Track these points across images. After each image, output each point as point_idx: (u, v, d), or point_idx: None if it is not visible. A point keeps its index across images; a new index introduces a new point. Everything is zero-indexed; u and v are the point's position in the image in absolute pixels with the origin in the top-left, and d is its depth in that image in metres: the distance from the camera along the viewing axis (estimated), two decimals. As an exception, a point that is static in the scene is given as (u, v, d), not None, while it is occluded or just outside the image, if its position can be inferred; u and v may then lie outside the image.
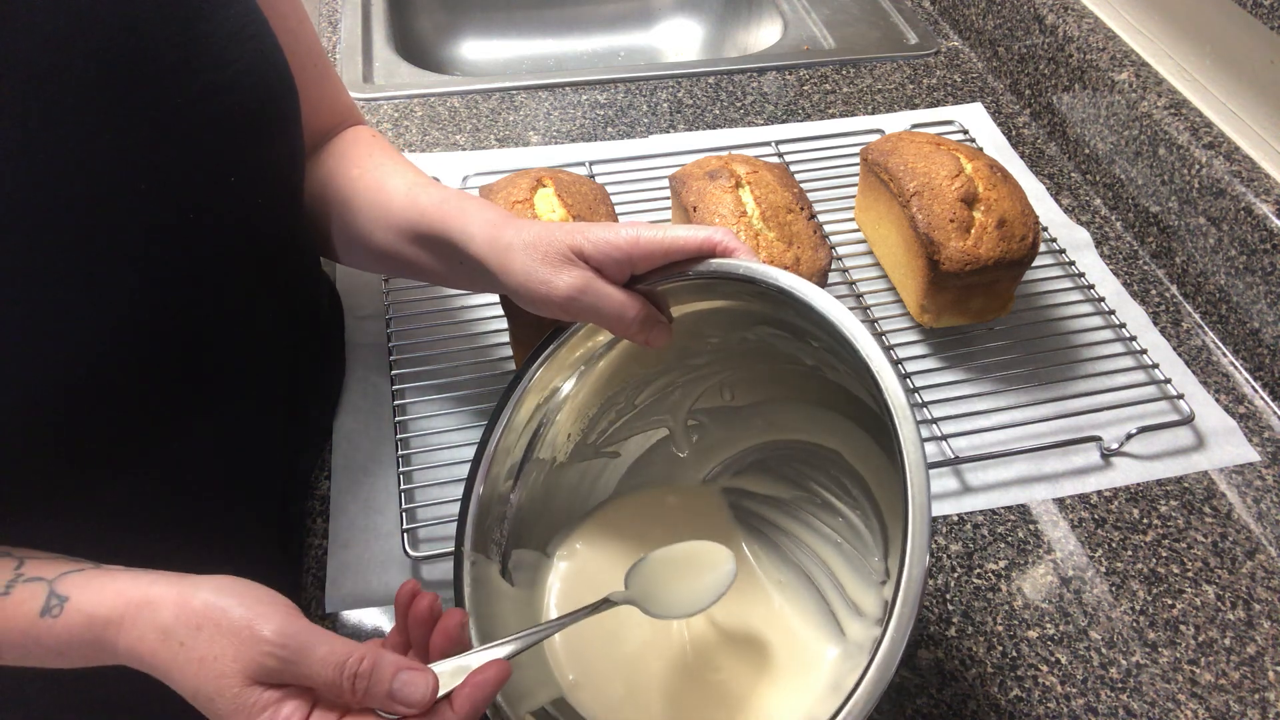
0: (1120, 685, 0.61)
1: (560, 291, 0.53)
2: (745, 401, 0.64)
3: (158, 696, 0.45)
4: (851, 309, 0.82)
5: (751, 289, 0.50)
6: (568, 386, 0.61)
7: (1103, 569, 0.67)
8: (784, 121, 1.03)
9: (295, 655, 0.42)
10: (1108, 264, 0.89)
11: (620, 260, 0.52)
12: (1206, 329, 0.84)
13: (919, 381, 0.76)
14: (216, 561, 0.53)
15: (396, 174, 0.65)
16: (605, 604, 0.52)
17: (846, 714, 0.40)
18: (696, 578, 0.55)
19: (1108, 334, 0.81)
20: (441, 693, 0.44)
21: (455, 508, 0.58)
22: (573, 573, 0.61)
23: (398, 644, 0.48)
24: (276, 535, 0.67)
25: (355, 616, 0.64)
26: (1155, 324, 0.84)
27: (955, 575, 0.67)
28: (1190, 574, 0.67)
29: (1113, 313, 0.82)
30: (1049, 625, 0.64)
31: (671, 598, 0.54)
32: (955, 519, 0.70)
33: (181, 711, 0.44)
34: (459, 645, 0.46)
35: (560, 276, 0.53)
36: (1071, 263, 0.87)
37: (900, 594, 0.40)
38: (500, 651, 0.47)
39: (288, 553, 0.67)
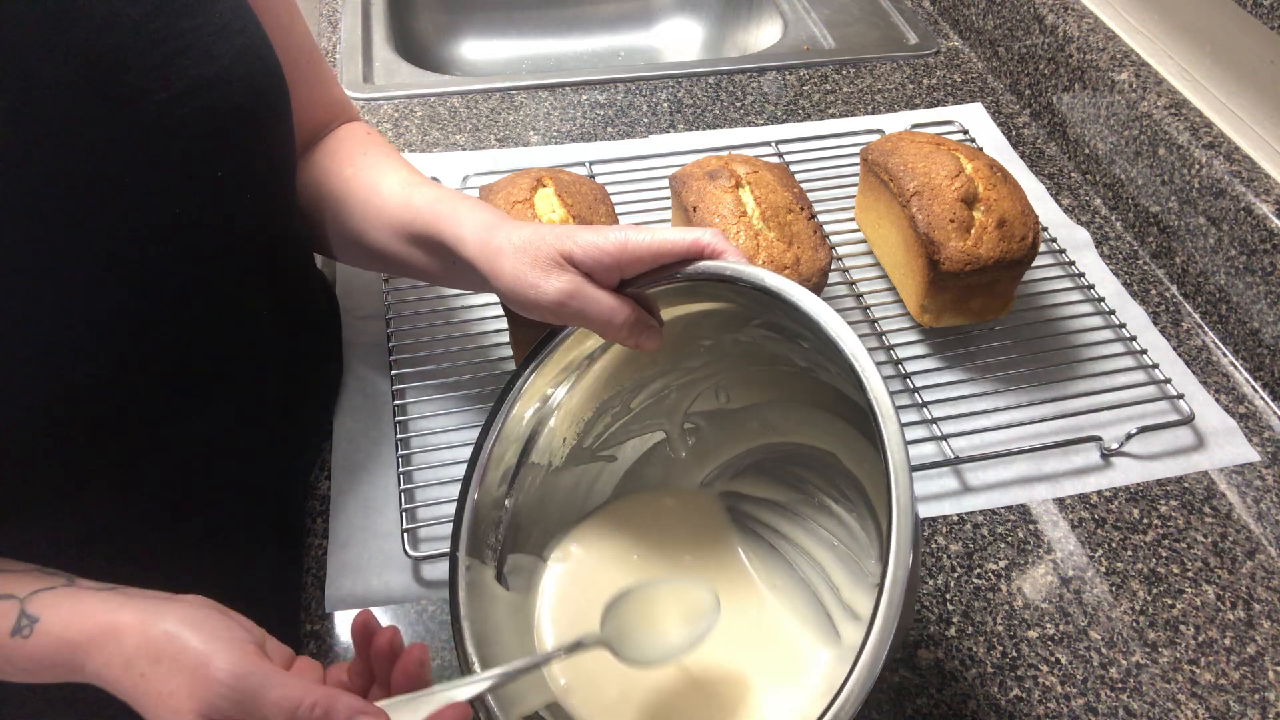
0: (1120, 685, 0.61)
1: (549, 296, 0.52)
2: (741, 404, 0.64)
3: None
4: (851, 309, 0.83)
5: (740, 290, 0.50)
6: (562, 390, 0.61)
7: (1103, 569, 0.67)
8: (784, 121, 1.03)
9: (247, 697, 0.42)
10: (1108, 264, 0.89)
11: (609, 265, 0.52)
12: (1206, 329, 0.84)
13: (919, 381, 0.76)
14: (216, 561, 0.53)
15: (390, 172, 0.65)
16: (578, 647, 0.51)
17: (831, 717, 0.39)
18: (675, 622, 0.54)
19: (1108, 334, 0.81)
20: None
21: (454, 509, 0.58)
22: (567, 576, 0.61)
23: (361, 670, 0.48)
24: (276, 535, 0.67)
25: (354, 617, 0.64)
26: (1155, 324, 0.84)
27: (955, 575, 0.67)
28: (1190, 574, 0.67)
29: (1113, 313, 0.82)
30: (1049, 625, 0.64)
31: (646, 642, 0.53)
32: (955, 519, 0.70)
33: None
34: (419, 683, 0.46)
35: (549, 281, 0.52)
36: (1071, 263, 0.87)
37: (884, 596, 0.39)
38: (461, 693, 0.46)
39: (287, 553, 0.67)
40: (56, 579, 0.48)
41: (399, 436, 0.71)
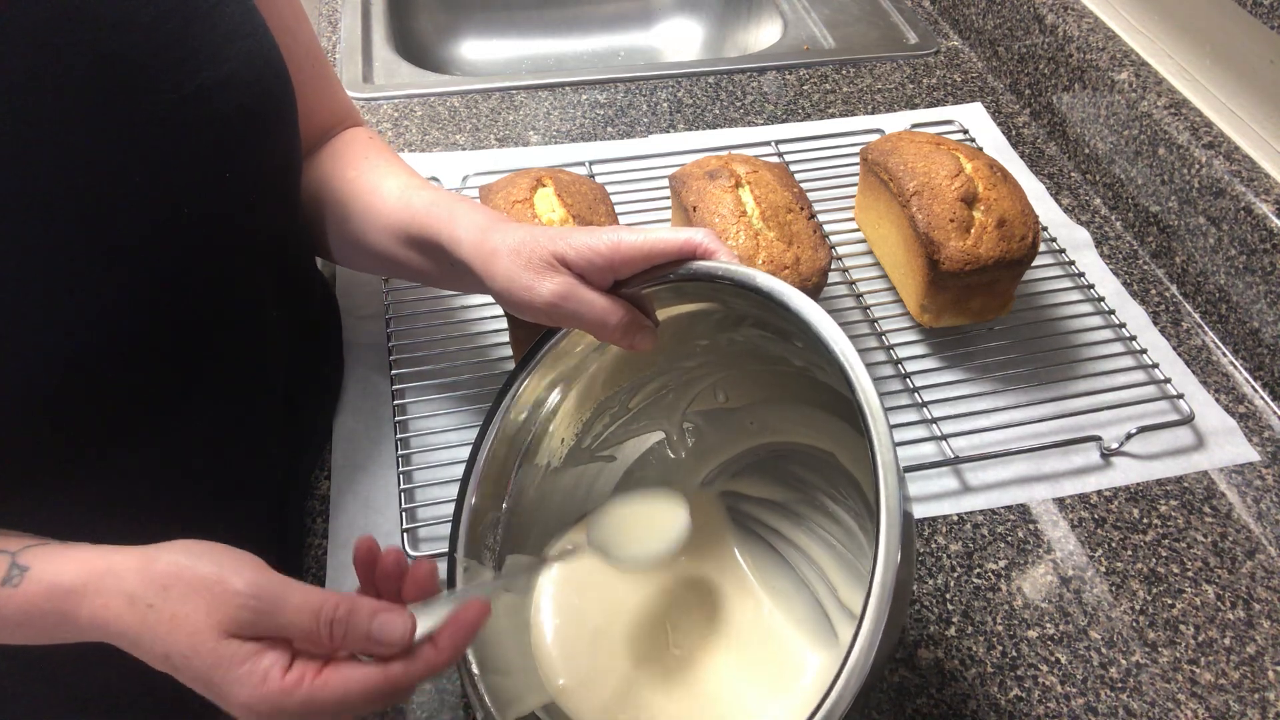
0: (1120, 685, 0.61)
1: (542, 298, 0.53)
2: (739, 403, 0.64)
3: (141, 692, 0.45)
4: (851, 309, 0.83)
5: (732, 290, 0.50)
6: (560, 391, 0.61)
7: (1103, 569, 0.67)
8: (784, 121, 1.03)
9: (270, 605, 0.42)
10: (1108, 264, 0.89)
11: (601, 266, 0.52)
12: (1206, 329, 0.84)
13: (919, 381, 0.76)
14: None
15: (391, 176, 0.65)
16: (570, 553, 0.54)
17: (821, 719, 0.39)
18: (652, 527, 0.56)
19: (1108, 334, 0.81)
20: (421, 633, 0.44)
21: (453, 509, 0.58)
22: (565, 576, 0.61)
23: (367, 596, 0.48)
24: (276, 535, 0.67)
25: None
26: (1155, 324, 0.84)
27: (955, 575, 0.67)
28: (1190, 574, 0.67)
29: (1113, 312, 0.82)
30: (1049, 625, 0.64)
31: (629, 548, 0.55)
32: (955, 519, 0.70)
33: (165, 706, 0.44)
34: (431, 593, 0.47)
35: (543, 283, 0.53)
36: (1071, 263, 0.87)
37: (871, 601, 0.39)
38: (477, 592, 0.47)
39: (287, 553, 0.67)
40: (50, 540, 0.47)
41: (399, 436, 0.71)
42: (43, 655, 0.49)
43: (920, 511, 0.70)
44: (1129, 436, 0.74)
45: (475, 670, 0.51)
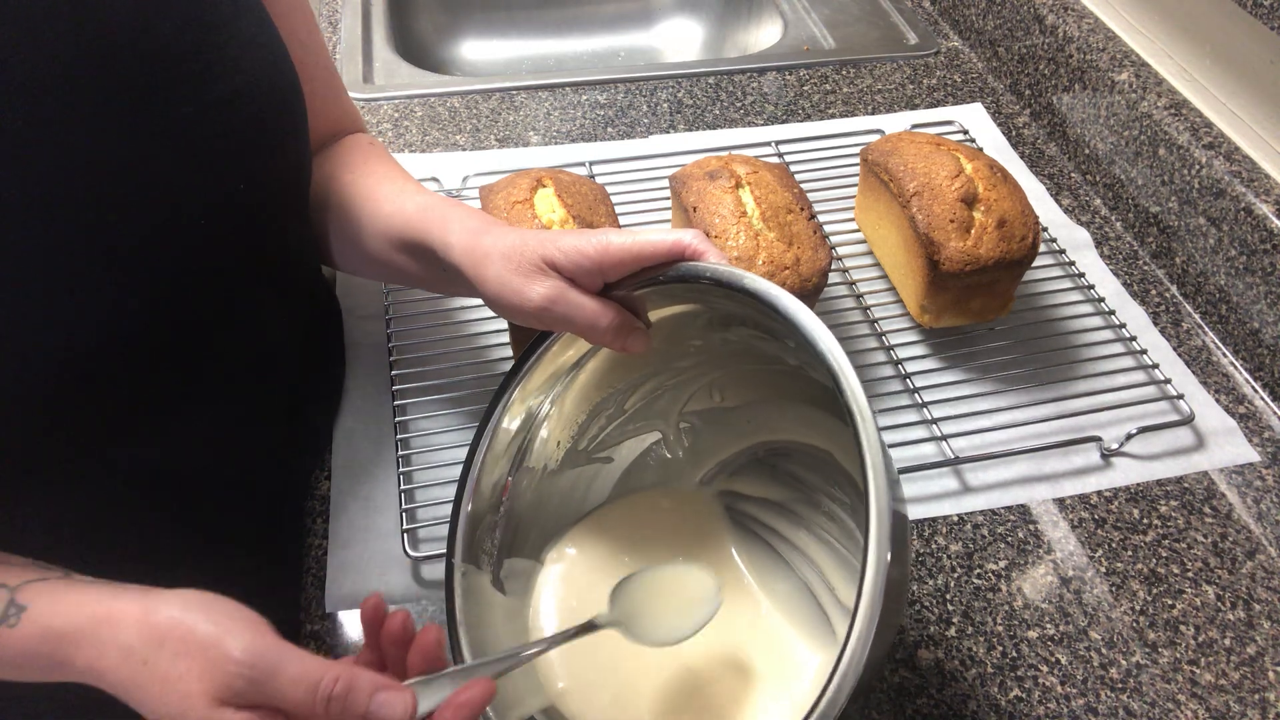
0: (1120, 685, 0.61)
1: (533, 302, 0.53)
2: (735, 403, 0.64)
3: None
4: (851, 309, 0.83)
5: (721, 291, 0.50)
6: (554, 393, 0.61)
7: (1103, 569, 0.67)
8: (784, 121, 1.03)
9: (265, 675, 0.41)
10: (1108, 264, 0.89)
11: (590, 269, 0.52)
12: (1206, 329, 0.84)
13: (919, 381, 0.76)
14: (216, 560, 0.53)
15: (387, 181, 0.65)
16: (589, 628, 0.52)
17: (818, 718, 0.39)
18: (680, 605, 0.54)
19: (1108, 334, 0.81)
20: (421, 711, 0.43)
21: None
22: (563, 578, 0.60)
23: (370, 660, 0.47)
24: (276, 535, 0.67)
25: (355, 616, 0.64)
26: (1155, 324, 0.84)
27: (955, 575, 0.67)
28: (1190, 574, 0.67)
29: (1113, 313, 0.82)
30: (1049, 625, 0.64)
31: (654, 624, 0.53)
32: (955, 519, 0.70)
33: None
34: (436, 663, 0.46)
35: (533, 287, 0.52)
36: (1071, 263, 0.87)
37: (861, 603, 0.39)
38: (481, 672, 0.46)
39: (287, 553, 0.67)
40: (51, 572, 0.47)
41: (399, 436, 0.71)
42: None
43: (920, 512, 0.70)
44: (1129, 437, 0.74)
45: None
